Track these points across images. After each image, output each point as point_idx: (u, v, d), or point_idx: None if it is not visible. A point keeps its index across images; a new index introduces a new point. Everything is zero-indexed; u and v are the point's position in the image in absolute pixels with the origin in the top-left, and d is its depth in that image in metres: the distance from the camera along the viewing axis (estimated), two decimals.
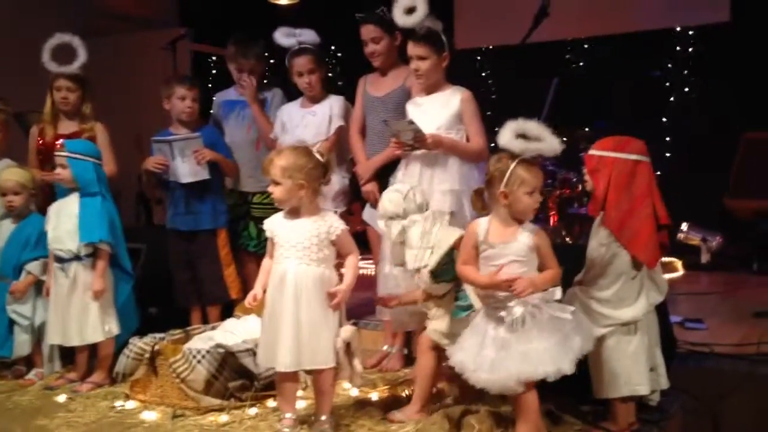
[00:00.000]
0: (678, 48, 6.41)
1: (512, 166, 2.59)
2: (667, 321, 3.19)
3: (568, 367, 2.51)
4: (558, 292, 2.61)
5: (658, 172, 6.04)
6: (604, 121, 5.86)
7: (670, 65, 6.43)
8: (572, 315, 2.58)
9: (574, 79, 6.51)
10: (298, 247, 2.78)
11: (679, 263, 5.56)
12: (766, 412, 3.17)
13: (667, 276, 5.10)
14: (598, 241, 2.80)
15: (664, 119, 6.45)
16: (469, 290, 2.81)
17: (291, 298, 2.74)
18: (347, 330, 2.80)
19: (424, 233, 2.91)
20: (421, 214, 2.99)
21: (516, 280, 2.54)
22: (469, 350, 2.64)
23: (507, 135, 2.63)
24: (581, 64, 6.77)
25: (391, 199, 3.03)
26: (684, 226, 5.66)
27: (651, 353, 2.80)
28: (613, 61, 6.41)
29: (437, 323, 2.96)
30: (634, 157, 2.75)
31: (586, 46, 6.72)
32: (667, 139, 6.41)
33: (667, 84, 6.45)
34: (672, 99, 6.44)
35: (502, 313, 2.58)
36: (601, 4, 6.48)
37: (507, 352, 2.55)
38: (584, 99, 6.15)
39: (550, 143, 2.60)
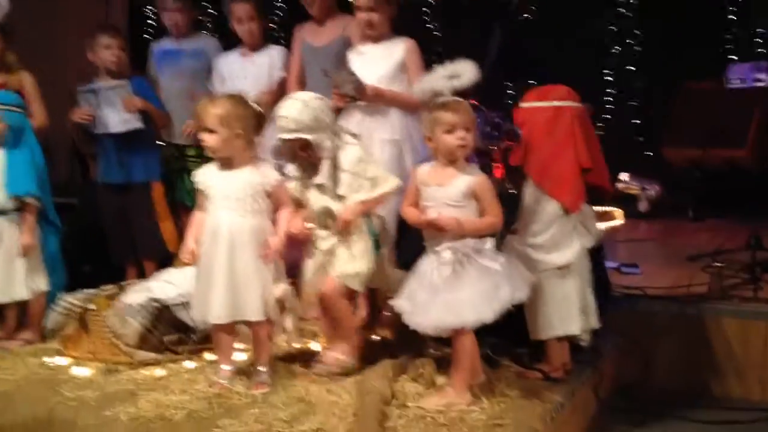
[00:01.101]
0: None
1: (431, 109, 2.62)
2: (603, 266, 3.25)
3: (489, 317, 2.52)
4: (489, 242, 2.61)
5: (600, 124, 6.26)
6: (548, 74, 5.87)
7: (613, 15, 6.46)
8: (503, 266, 2.58)
9: (519, 30, 6.50)
10: (232, 199, 2.72)
11: (618, 212, 5.67)
12: (695, 350, 3.30)
13: (607, 224, 5.27)
14: (528, 189, 2.83)
15: (605, 70, 6.51)
16: (377, 223, 2.83)
17: (225, 250, 2.69)
18: (280, 288, 2.76)
19: (362, 160, 2.80)
20: (352, 137, 2.87)
21: (440, 217, 2.56)
22: (407, 292, 2.66)
23: (426, 78, 2.69)
24: (525, 14, 6.74)
25: (320, 107, 2.79)
26: (624, 176, 5.77)
27: (583, 295, 2.85)
28: (557, 11, 6.40)
29: (348, 265, 2.80)
30: (555, 103, 2.81)
31: None
32: (608, 90, 6.48)
33: (611, 34, 6.49)
34: (615, 49, 6.49)
35: (434, 258, 2.60)
36: None
37: (435, 298, 2.58)
38: (528, 51, 6.14)
39: (466, 75, 2.62)
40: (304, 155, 2.77)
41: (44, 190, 3.42)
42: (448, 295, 2.56)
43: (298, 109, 2.72)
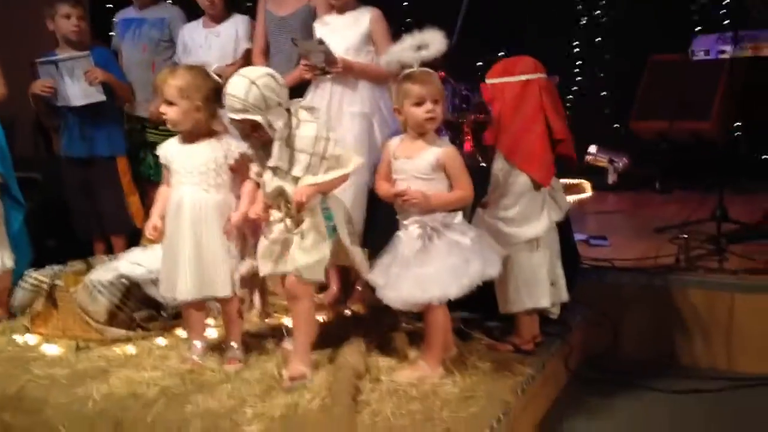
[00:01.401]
0: None
1: (399, 81, 2.59)
2: (572, 238, 3.28)
3: (458, 292, 2.53)
4: (458, 216, 2.61)
5: (569, 96, 6.28)
6: (516, 44, 5.86)
7: None
8: (473, 240, 2.58)
9: (487, 1, 6.46)
10: (194, 173, 2.68)
11: (587, 184, 5.73)
12: (662, 320, 3.36)
13: (576, 197, 5.32)
14: (499, 163, 2.83)
15: (575, 42, 6.52)
16: (335, 204, 2.66)
17: (189, 225, 2.66)
18: (246, 264, 2.73)
19: (319, 138, 2.58)
20: (308, 113, 2.64)
21: (406, 190, 2.56)
22: (381, 266, 2.66)
23: (393, 49, 2.67)
24: None
25: (269, 86, 2.53)
26: (592, 148, 5.81)
27: (552, 268, 2.88)
28: None
29: (302, 257, 2.56)
30: (523, 77, 2.80)
31: None
32: (577, 62, 6.50)
33: (578, 7, 6.50)
34: (582, 22, 6.49)
35: (401, 232, 2.60)
36: None
37: (405, 273, 2.58)
38: (496, 22, 6.12)
39: (434, 45, 2.60)
40: (255, 135, 2.59)
41: (6, 165, 3.35)
42: (418, 270, 2.56)
43: (244, 88, 2.50)
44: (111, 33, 4.25)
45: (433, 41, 2.62)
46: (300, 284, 2.57)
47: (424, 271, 2.55)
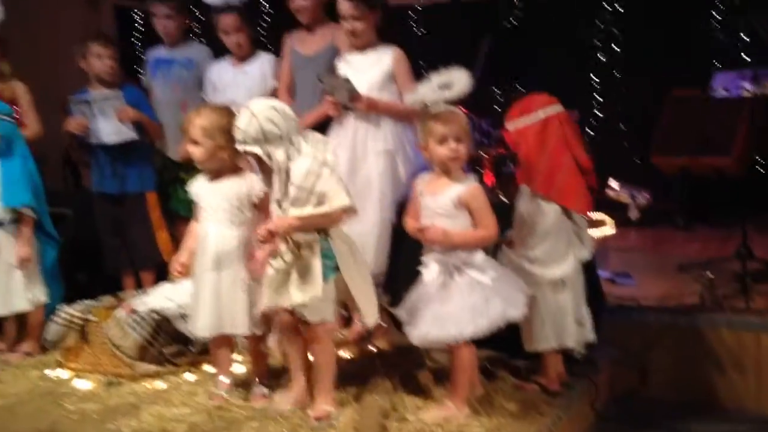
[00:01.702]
0: (606, 5, 6.50)
1: (424, 120, 2.63)
2: (596, 276, 3.29)
3: (474, 332, 2.53)
4: (480, 255, 2.61)
5: (587, 130, 6.30)
6: (535, 81, 5.92)
7: (598, 23, 6.52)
8: (493, 280, 2.58)
9: (506, 37, 6.55)
10: (219, 210, 2.73)
11: (609, 220, 5.72)
12: (688, 360, 3.34)
13: (597, 232, 5.32)
14: (524, 202, 2.86)
15: (592, 76, 6.57)
16: (337, 246, 2.59)
17: (211, 261, 2.71)
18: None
19: (310, 172, 2.54)
20: (308, 144, 2.59)
21: (427, 226, 2.57)
22: (407, 302, 2.68)
23: (418, 89, 2.69)
24: (512, 22, 6.80)
25: (271, 119, 2.53)
26: (613, 183, 5.81)
27: (577, 308, 2.88)
28: (544, 20, 6.46)
29: (301, 294, 2.53)
30: (541, 114, 2.82)
31: (516, 2, 6.75)
32: (597, 96, 6.54)
33: (596, 42, 6.56)
34: (600, 57, 6.55)
35: (423, 269, 2.63)
36: None
37: (425, 309, 2.60)
38: (516, 58, 6.19)
39: (458, 84, 2.62)
40: (262, 167, 2.61)
41: (40, 200, 3.42)
42: (437, 307, 2.58)
43: (246, 120, 2.53)
44: (140, 70, 4.33)
45: (457, 80, 2.65)
46: (316, 326, 2.56)
47: (443, 308, 2.57)
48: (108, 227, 3.94)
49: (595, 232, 5.26)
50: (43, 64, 5.42)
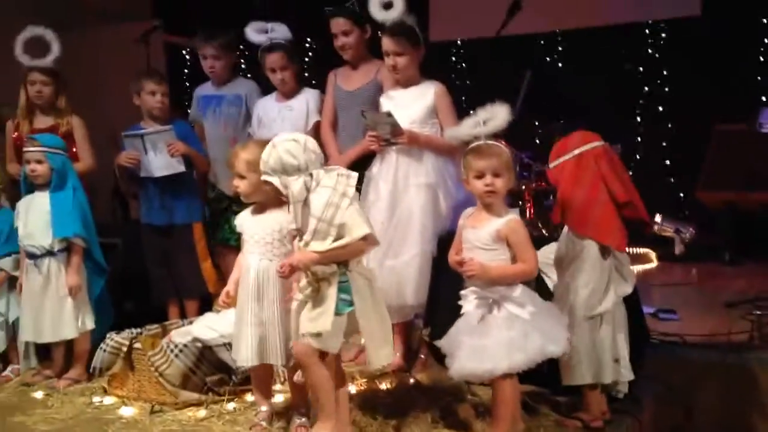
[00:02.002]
0: (650, 41, 6.49)
1: (464, 154, 2.66)
2: (640, 312, 3.24)
3: (506, 367, 2.51)
4: (518, 289, 2.59)
5: (632, 164, 6.26)
6: (577, 114, 5.92)
7: (642, 58, 6.51)
8: (532, 315, 2.56)
9: (548, 71, 6.57)
10: (261, 242, 2.78)
11: (653, 254, 5.65)
12: (736, 399, 3.25)
13: (641, 267, 5.25)
14: (563, 239, 2.87)
15: (637, 111, 6.54)
16: (356, 280, 2.57)
17: (253, 293, 2.75)
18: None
19: (330, 204, 2.53)
20: (330, 177, 2.57)
21: (467, 260, 2.58)
22: (450, 334, 2.68)
23: (457, 127, 2.74)
24: (555, 57, 6.83)
25: (290, 150, 2.55)
26: (658, 218, 5.75)
27: (615, 344, 2.84)
28: (586, 54, 6.47)
29: (309, 324, 2.53)
30: (576, 151, 2.83)
31: (559, 39, 6.78)
32: (640, 130, 6.51)
33: (640, 77, 6.54)
34: (645, 92, 6.52)
35: (462, 302, 2.64)
36: None
37: (464, 342, 2.60)
38: (558, 92, 6.20)
39: (499, 118, 2.64)
40: (283, 198, 2.63)
41: (90, 230, 3.50)
42: (476, 341, 2.58)
43: (267, 151, 2.56)
44: (187, 104, 4.43)
45: (498, 115, 2.67)
46: (305, 351, 2.54)
47: (480, 342, 2.56)
48: (155, 257, 4.02)
49: (639, 267, 5.21)
50: (95, 98, 5.60)
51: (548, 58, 6.84)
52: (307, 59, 7.01)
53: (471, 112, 2.76)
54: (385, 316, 2.66)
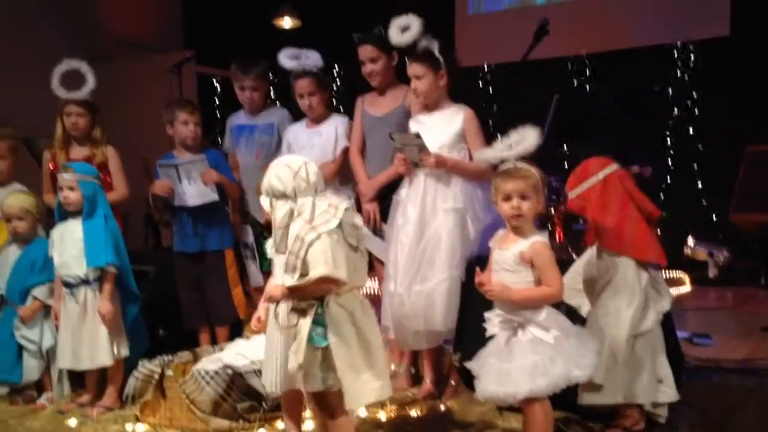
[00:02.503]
0: (679, 63, 6.46)
1: (493, 177, 2.68)
2: (675, 336, 3.20)
3: (528, 390, 2.49)
4: (543, 313, 2.57)
5: (663, 186, 6.19)
6: (606, 137, 5.89)
7: (671, 80, 6.47)
8: (557, 339, 2.53)
9: (576, 95, 6.56)
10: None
11: (686, 278, 5.57)
12: None
13: (675, 291, 5.17)
14: (592, 263, 2.86)
15: (667, 133, 6.49)
16: (332, 314, 2.51)
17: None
18: None
19: (298, 237, 2.48)
20: (318, 208, 2.53)
21: (488, 283, 2.58)
22: (479, 356, 2.67)
23: (485, 151, 2.77)
24: (582, 80, 6.82)
25: (279, 175, 2.56)
26: (690, 241, 5.67)
27: (656, 364, 2.81)
28: (614, 77, 6.46)
29: (293, 360, 2.49)
30: (600, 176, 2.85)
31: (586, 62, 6.78)
32: (671, 152, 6.45)
33: (669, 99, 6.50)
34: (674, 114, 6.47)
35: (486, 324, 2.63)
36: (601, 21, 6.56)
37: (491, 365, 2.59)
38: (586, 115, 6.18)
39: (527, 141, 2.64)
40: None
41: (122, 258, 3.55)
42: (501, 363, 2.57)
43: (266, 173, 2.62)
44: (218, 133, 4.48)
45: (527, 137, 2.67)
46: (322, 397, 2.53)
47: (504, 365, 2.55)
48: (187, 284, 4.06)
49: (673, 291, 5.12)
50: (127, 128, 5.70)
51: (576, 82, 6.83)
52: (335, 88, 7.10)
53: (499, 136, 2.77)
54: (374, 349, 2.56)
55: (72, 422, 3.31)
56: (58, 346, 3.54)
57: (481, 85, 7.19)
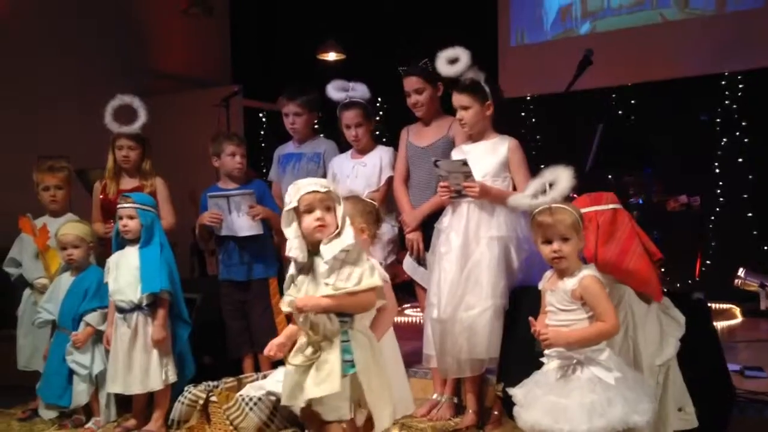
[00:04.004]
0: (727, 92, 6.37)
1: (532, 218, 2.68)
2: (725, 370, 3.12)
3: (585, 430, 2.41)
4: (605, 353, 2.53)
5: (712, 217, 6.08)
6: (650, 168, 5.83)
7: (719, 110, 6.39)
8: (618, 381, 2.48)
9: (620, 125, 6.51)
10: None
11: (737, 310, 5.43)
12: None
13: (726, 323, 5.05)
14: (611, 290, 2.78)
15: (715, 163, 6.38)
16: (357, 338, 2.50)
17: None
18: None
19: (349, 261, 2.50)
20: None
21: (542, 331, 2.56)
22: (525, 385, 2.64)
23: (518, 197, 2.81)
24: (627, 110, 6.77)
25: (289, 191, 2.66)
26: (741, 272, 5.54)
27: (678, 392, 2.76)
28: (660, 107, 6.40)
29: (315, 389, 2.45)
30: (611, 206, 2.84)
31: (631, 92, 6.74)
32: (719, 182, 6.34)
33: (717, 128, 6.40)
34: (723, 143, 6.37)
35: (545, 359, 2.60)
36: (645, 51, 6.52)
37: (543, 397, 2.55)
38: (631, 145, 6.13)
39: (561, 183, 2.64)
40: None
41: (175, 286, 3.64)
42: (554, 398, 2.52)
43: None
44: (262, 165, 4.53)
45: (560, 179, 2.66)
46: (331, 426, 2.48)
47: (560, 401, 2.50)
48: (233, 312, 4.11)
49: (723, 324, 5.00)
50: (175, 160, 5.82)
51: (620, 112, 6.79)
52: (380, 119, 7.18)
53: (542, 167, 2.77)
54: (385, 376, 2.58)
55: None
56: (108, 370, 3.61)
57: (524, 116, 7.20)
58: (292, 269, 2.61)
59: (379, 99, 7.26)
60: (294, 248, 2.54)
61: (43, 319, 3.88)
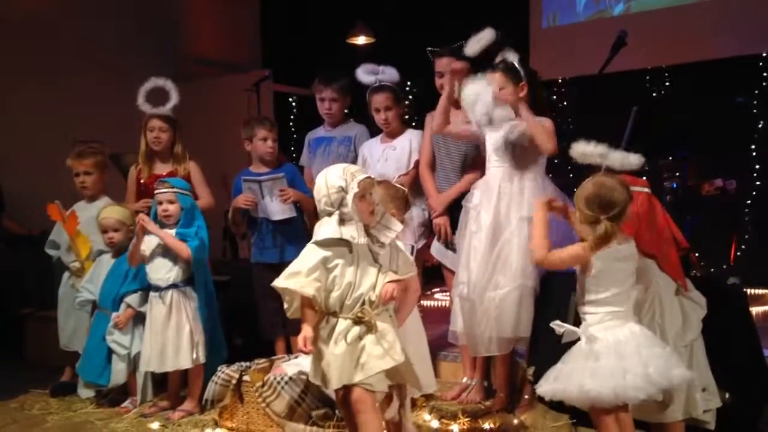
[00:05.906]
0: (765, 74, 6.24)
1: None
2: (761, 354, 3.08)
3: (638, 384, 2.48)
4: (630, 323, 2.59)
5: (748, 201, 5.98)
6: (686, 150, 5.73)
7: (756, 92, 6.26)
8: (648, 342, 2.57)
9: (655, 107, 6.42)
10: None
11: None
12: None
13: (762, 309, 4.96)
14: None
15: (752, 146, 6.26)
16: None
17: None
18: None
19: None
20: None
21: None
22: (563, 359, 2.66)
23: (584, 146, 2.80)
24: (662, 92, 6.67)
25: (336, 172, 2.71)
26: None
27: (702, 374, 2.76)
28: (695, 89, 6.29)
29: (382, 362, 2.55)
30: (646, 189, 2.86)
31: (666, 74, 6.62)
32: (756, 165, 6.22)
33: (754, 111, 6.28)
34: (760, 126, 6.25)
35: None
36: (681, 32, 6.40)
37: (579, 368, 2.58)
38: (666, 127, 6.04)
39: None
40: None
41: (204, 259, 3.70)
42: (591, 363, 2.55)
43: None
44: (293, 150, 4.53)
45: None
46: (365, 395, 2.56)
47: (596, 364, 2.54)
48: (266, 294, 4.11)
49: (759, 309, 4.93)
50: (205, 144, 5.87)
51: (655, 94, 6.68)
52: (409, 103, 7.16)
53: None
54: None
55: (154, 426, 3.44)
56: (143, 349, 3.67)
57: (555, 99, 7.12)
58: (323, 252, 2.63)
59: (408, 83, 7.25)
60: (352, 231, 2.60)
61: (84, 298, 3.95)
